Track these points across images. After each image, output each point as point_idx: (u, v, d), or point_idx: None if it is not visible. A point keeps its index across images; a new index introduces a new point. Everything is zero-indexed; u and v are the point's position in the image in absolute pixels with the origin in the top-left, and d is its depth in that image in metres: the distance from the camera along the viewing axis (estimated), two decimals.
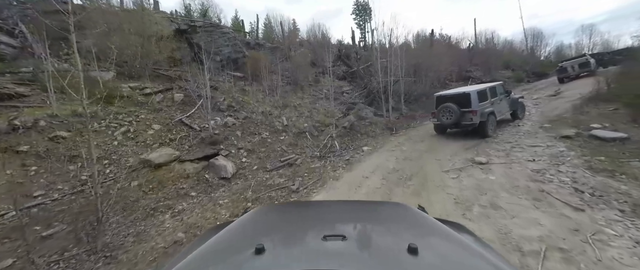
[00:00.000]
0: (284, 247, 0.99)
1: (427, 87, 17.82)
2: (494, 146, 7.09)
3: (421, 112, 14.73)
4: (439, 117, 8.33)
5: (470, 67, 25.70)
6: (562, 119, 8.56)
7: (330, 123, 11.34)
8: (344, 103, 14.82)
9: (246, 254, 0.83)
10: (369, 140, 10.03)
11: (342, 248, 0.84)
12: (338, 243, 0.86)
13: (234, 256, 0.92)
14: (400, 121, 12.85)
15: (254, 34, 21.75)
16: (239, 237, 1.11)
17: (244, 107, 10.82)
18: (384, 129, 11.60)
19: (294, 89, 15.18)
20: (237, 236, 1.12)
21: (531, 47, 34.75)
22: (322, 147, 9.13)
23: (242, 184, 6.14)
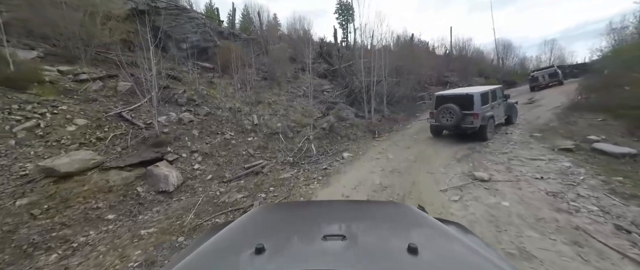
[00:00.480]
0: (284, 247, 0.94)
1: (409, 90, 17.01)
2: (489, 157, 6.10)
3: (403, 114, 13.80)
4: (438, 118, 7.49)
5: (447, 72, 25.64)
6: (551, 128, 7.83)
7: (308, 123, 9.98)
8: (324, 102, 13.51)
9: (246, 254, 0.81)
10: (350, 145, 8.79)
11: (342, 248, 0.82)
12: (338, 243, 0.84)
13: (234, 256, 0.89)
14: (382, 124, 11.76)
15: (230, 24, 19.80)
16: (239, 237, 1.07)
17: (208, 101, 9.15)
18: (365, 132, 10.43)
19: (270, 85, 13.62)
20: (237, 236, 1.09)
21: (502, 58, 35.70)
22: (297, 152, 7.75)
23: (187, 200, 4.60)
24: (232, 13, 19.98)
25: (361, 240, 0.94)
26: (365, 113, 11.95)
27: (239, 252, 0.90)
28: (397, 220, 1.26)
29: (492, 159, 5.93)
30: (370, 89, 12.05)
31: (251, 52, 14.96)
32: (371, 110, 12.01)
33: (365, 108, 11.91)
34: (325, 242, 0.86)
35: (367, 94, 11.86)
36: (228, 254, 0.93)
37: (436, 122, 7.71)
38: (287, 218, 1.34)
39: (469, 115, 7.04)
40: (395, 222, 1.23)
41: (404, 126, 11.53)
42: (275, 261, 0.79)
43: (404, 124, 11.92)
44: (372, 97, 11.97)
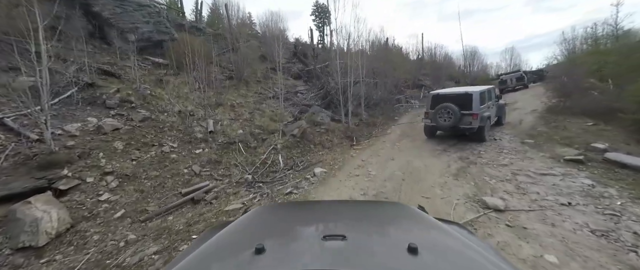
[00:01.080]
0: (284, 247, 0.90)
1: (386, 92, 15.96)
2: (489, 171, 4.89)
3: (382, 118, 12.61)
4: (434, 118, 6.78)
5: (421, 76, 25.32)
6: (542, 133, 6.90)
7: (276, 129, 8.34)
8: (297, 104, 11.93)
9: (246, 254, 0.78)
10: (324, 155, 7.29)
11: (342, 248, 0.79)
12: (338, 243, 0.81)
13: (234, 256, 0.85)
14: (360, 128, 10.43)
15: (196, 18, 17.56)
16: (239, 237, 1.03)
17: (151, 104, 7.19)
18: (342, 139, 9.01)
19: (237, 85, 11.79)
20: (237, 236, 1.04)
21: (469, 63, 36.59)
22: (259, 166, 6.10)
23: (62, 264, 2.82)
24: (198, 5, 17.74)
25: (361, 240, 0.89)
26: (342, 117, 10.56)
27: (239, 252, 0.85)
28: (397, 220, 1.20)
29: (494, 174, 4.71)
30: (347, 91, 10.69)
31: (213, 48, 13.03)
32: (348, 114, 10.64)
33: (342, 111, 10.51)
34: (326, 242, 0.81)
35: (343, 96, 10.47)
36: (228, 254, 0.88)
37: (433, 122, 6.91)
38: (287, 218, 1.27)
39: (467, 116, 6.34)
40: (395, 222, 1.17)
41: (383, 131, 10.26)
42: (275, 261, 0.74)
43: (383, 129, 10.67)
44: (349, 99, 10.60)
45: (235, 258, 0.83)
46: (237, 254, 0.85)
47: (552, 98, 12.51)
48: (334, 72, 11.15)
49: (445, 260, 0.79)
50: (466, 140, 7.23)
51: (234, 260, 0.82)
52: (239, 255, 0.83)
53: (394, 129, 10.30)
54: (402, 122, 11.62)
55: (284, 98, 12.42)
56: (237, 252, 0.87)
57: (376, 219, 1.20)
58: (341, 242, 0.81)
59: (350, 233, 0.88)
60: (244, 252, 0.80)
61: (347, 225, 1.10)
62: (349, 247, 0.80)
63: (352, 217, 1.22)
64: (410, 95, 19.27)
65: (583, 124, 7.06)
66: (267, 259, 0.74)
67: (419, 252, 0.71)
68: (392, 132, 9.67)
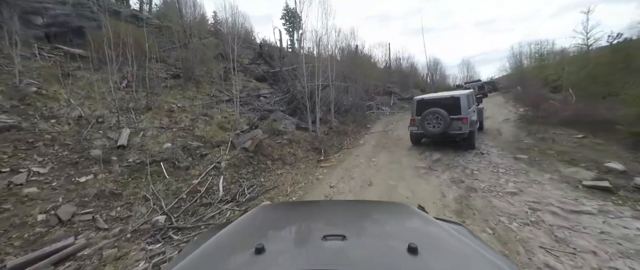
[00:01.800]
0: (284, 247, 0.88)
1: (357, 98, 14.66)
2: (498, 204, 3.47)
3: (353, 126, 11.15)
4: (422, 125, 6.09)
5: (390, 83, 24.87)
6: (530, 146, 5.83)
7: (225, 141, 6.36)
8: (258, 110, 9.97)
9: (246, 254, 0.76)
10: (284, 175, 5.49)
11: (342, 248, 0.77)
12: (338, 243, 0.79)
13: (234, 256, 0.83)
14: (330, 138, 8.80)
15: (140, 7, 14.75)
16: (239, 237, 1.00)
17: (31, 105, 4.81)
18: (308, 151, 7.27)
19: (184, 85, 9.51)
20: (237, 236, 1.01)
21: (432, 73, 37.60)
22: (185, 198, 4.11)
23: None
24: None
25: (361, 240, 0.87)
26: (309, 124, 8.85)
27: (239, 252, 0.83)
28: (397, 220, 1.18)
29: (509, 211, 3.29)
30: (315, 95, 9.03)
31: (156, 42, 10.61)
32: (316, 121, 8.97)
33: (309, 118, 8.81)
34: (326, 242, 0.80)
35: (311, 101, 8.79)
36: (228, 254, 0.86)
37: (420, 130, 6.21)
38: (287, 218, 1.22)
39: (456, 120, 5.74)
40: (395, 222, 1.15)
41: (356, 141, 8.73)
42: (275, 261, 0.73)
43: (356, 139, 9.16)
44: (317, 104, 8.94)
45: (235, 258, 0.80)
46: (237, 254, 0.82)
47: (519, 107, 12.21)
48: (301, 75, 9.46)
49: (445, 260, 0.75)
50: (450, 153, 5.94)
51: (234, 260, 0.79)
52: (239, 255, 0.80)
53: (368, 139, 8.83)
54: (375, 131, 10.24)
55: (242, 102, 10.39)
56: (237, 252, 0.84)
57: (376, 219, 1.15)
58: (341, 242, 0.78)
59: (350, 233, 0.84)
60: (244, 252, 0.78)
61: (347, 225, 1.04)
62: (349, 247, 0.77)
63: (352, 217, 1.18)
64: (381, 101, 18.29)
65: (571, 137, 6.14)
66: (267, 259, 0.72)
67: (419, 252, 0.69)
68: (366, 143, 8.17)
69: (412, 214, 1.17)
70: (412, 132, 6.68)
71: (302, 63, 9.78)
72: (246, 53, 16.99)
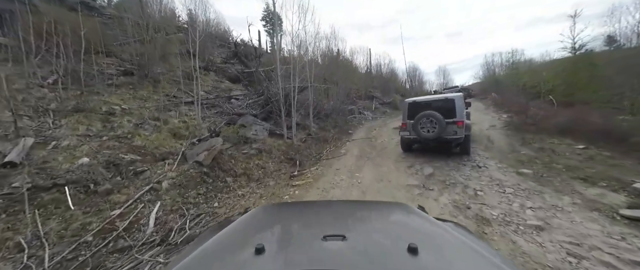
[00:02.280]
0: (284, 247, 0.86)
1: (339, 102, 13.75)
2: (524, 246, 2.54)
3: (334, 132, 10.14)
4: (416, 129, 5.45)
5: (371, 88, 24.37)
6: (531, 159, 5.05)
7: (174, 152, 5.03)
8: (227, 113, 8.66)
9: (246, 254, 0.74)
10: (244, 198, 4.27)
11: (342, 248, 0.75)
12: (338, 243, 0.76)
13: (234, 256, 0.81)
14: (308, 146, 7.69)
15: None
16: (239, 237, 0.97)
17: None
18: (281, 163, 6.12)
19: (137, 84, 8.00)
20: (237, 236, 0.98)
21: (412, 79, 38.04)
22: (92, 242, 2.79)
23: None
24: None
25: (361, 240, 0.84)
26: (284, 130, 7.69)
27: (239, 252, 0.81)
28: (397, 220, 1.15)
29: (544, 260, 2.36)
30: (292, 97, 7.91)
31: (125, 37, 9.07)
32: (292, 126, 7.83)
33: (284, 124, 7.65)
34: (325, 242, 0.78)
35: (286, 105, 7.65)
36: (228, 254, 0.83)
37: (413, 135, 5.61)
38: (287, 218, 1.19)
39: (451, 124, 5.21)
40: (395, 222, 1.12)
41: (337, 150, 7.69)
42: (275, 261, 0.72)
43: (337, 147, 8.13)
44: (293, 107, 7.82)
45: (235, 258, 0.79)
46: (237, 254, 0.81)
47: (502, 113, 11.91)
48: (276, 74, 8.29)
49: (446, 260, 0.75)
50: (443, 166, 5.07)
51: (234, 260, 0.78)
52: (239, 255, 0.79)
53: (350, 147, 7.82)
54: (357, 137, 9.28)
55: (209, 104, 9.02)
56: (237, 252, 0.82)
57: (376, 219, 1.15)
58: (341, 242, 0.77)
59: (350, 233, 0.83)
60: (244, 252, 0.77)
61: (347, 225, 1.04)
62: (349, 247, 0.76)
63: (352, 217, 1.16)
64: (363, 106, 17.52)
65: (572, 148, 5.48)
66: (267, 259, 0.70)
67: (419, 252, 0.68)
68: (348, 152, 7.16)
69: (412, 214, 1.14)
70: (403, 138, 6.04)
71: (277, 59, 8.65)
72: (220, 52, 15.50)
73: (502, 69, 31.40)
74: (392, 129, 10.58)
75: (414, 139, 5.71)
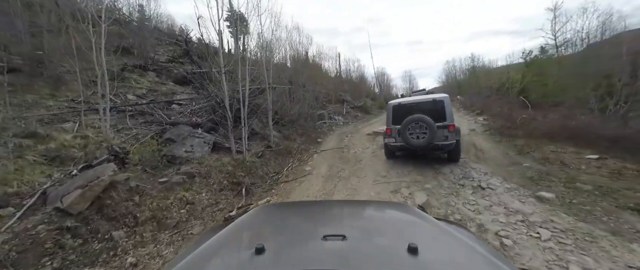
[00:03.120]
0: (284, 247, 0.83)
1: (306, 107, 12.23)
2: None
3: (301, 141, 8.54)
4: (404, 136, 4.59)
5: (341, 92, 23.34)
6: (541, 174, 3.93)
7: (26, 192, 3.00)
8: (160, 122, 6.59)
9: (246, 254, 0.72)
10: (136, 267, 2.52)
11: (342, 248, 0.73)
12: (338, 243, 0.75)
13: (234, 256, 0.81)
14: (265, 162, 5.96)
15: None
16: (239, 237, 0.96)
17: None
18: (220, 192, 4.32)
19: (25, 85, 5.65)
20: (237, 236, 0.97)
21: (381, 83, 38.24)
22: None
23: None
24: None
25: (361, 240, 0.82)
26: (233, 143, 5.87)
27: (239, 252, 0.81)
28: (397, 220, 1.11)
29: None
30: (242, 102, 6.14)
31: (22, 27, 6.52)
32: (243, 138, 6.04)
33: (231, 135, 5.83)
34: (326, 242, 0.76)
35: (232, 110, 5.85)
36: (228, 254, 0.83)
37: (400, 142, 4.80)
38: (287, 218, 1.18)
39: (441, 128, 4.57)
40: (395, 222, 1.08)
41: (300, 166, 6.08)
42: (275, 261, 0.70)
43: (302, 161, 6.52)
44: (243, 113, 6.04)
45: (235, 258, 0.79)
46: (237, 254, 0.80)
47: (476, 115, 11.36)
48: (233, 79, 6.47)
49: (445, 260, 0.73)
50: (436, 189, 3.76)
51: (234, 260, 0.77)
52: (239, 255, 0.78)
53: (317, 162, 6.27)
54: (327, 147, 7.78)
55: (137, 111, 6.87)
56: (237, 252, 0.82)
57: (376, 219, 1.14)
58: (341, 242, 0.76)
59: (350, 233, 0.81)
60: (244, 252, 0.75)
61: (347, 225, 1.02)
62: (349, 247, 0.75)
63: (352, 217, 1.15)
64: (334, 110, 16.20)
65: (584, 158, 4.42)
66: (267, 259, 0.69)
67: (419, 252, 0.66)
68: (315, 170, 5.59)
69: (412, 214, 1.11)
70: (388, 145, 5.20)
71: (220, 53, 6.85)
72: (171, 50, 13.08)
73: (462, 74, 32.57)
74: (366, 135, 9.29)
75: (401, 147, 4.88)
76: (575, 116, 5.87)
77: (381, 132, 9.46)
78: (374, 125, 11.81)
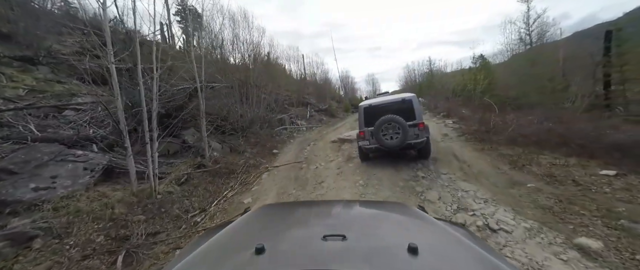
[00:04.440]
0: (284, 247, 0.81)
1: (263, 111, 10.49)
2: None
3: (251, 153, 6.77)
4: (377, 137, 4.52)
5: (305, 95, 21.91)
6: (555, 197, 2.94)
7: None
8: (23, 139, 4.26)
9: (246, 254, 0.70)
10: None
11: (342, 248, 0.72)
12: (338, 243, 0.73)
13: (234, 256, 0.78)
14: (188, 192, 4.11)
15: None
16: (239, 237, 0.93)
17: None
18: (78, 264, 2.49)
19: None
20: (237, 236, 0.95)
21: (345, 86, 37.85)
22: None
23: None
24: None
25: (361, 240, 0.79)
26: (131, 165, 3.90)
27: (239, 252, 0.77)
28: (397, 220, 1.08)
29: None
30: (155, 105, 4.21)
31: None
32: (149, 160, 4.08)
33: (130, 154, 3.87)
34: (326, 242, 0.74)
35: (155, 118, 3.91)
36: (228, 254, 0.81)
37: (374, 144, 4.62)
38: (287, 218, 1.15)
39: (413, 127, 4.48)
40: (395, 222, 1.05)
41: (238, 196, 4.36)
42: (275, 261, 0.68)
43: (244, 185, 4.79)
44: (152, 124, 4.11)
45: (235, 258, 0.76)
46: (237, 254, 0.78)
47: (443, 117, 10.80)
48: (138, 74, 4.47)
49: (446, 260, 0.71)
50: None
51: (234, 260, 0.75)
52: (239, 255, 0.76)
53: (266, 184, 4.62)
54: (283, 162, 6.16)
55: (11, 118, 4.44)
56: (237, 252, 0.80)
57: (376, 218, 1.11)
58: (341, 242, 0.74)
59: (350, 233, 0.79)
60: (244, 252, 0.73)
61: (347, 225, 0.97)
62: (349, 247, 0.73)
63: (352, 217, 1.13)
64: (297, 114, 14.61)
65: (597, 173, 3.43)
66: (267, 259, 0.68)
67: (419, 252, 0.65)
68: (259, 199, 3.92)
69: (413, 214, 1.10)
70: (362, 148, 5.03)
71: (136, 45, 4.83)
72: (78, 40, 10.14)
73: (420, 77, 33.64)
74: (330, 143, 7.91)
75: (375, 149, 4.76)
76: (556, 119, 5.21)
77: (348, 139, 8.17)
78: (339, 130, 10.54)
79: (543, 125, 5.23)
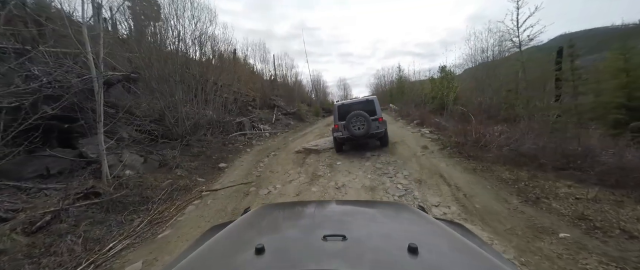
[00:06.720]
0: (284, 247, 0.79)
1: (222, 112, 8.73)
2: None
3: (190, 167, 5.02)
4: (348, 128, 5.72)
5: (273, 96, 20.20)
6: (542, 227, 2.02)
7: None
8: None
9: (246, 254, 0.69)
10: None
11: (342, 248, 0.70)
12: (338, 243, 0.72)
13: (234, 256, 0.76)
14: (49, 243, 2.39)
15: None
16: (239, 237, 0.92)
17: None
18: None
19: None
20: (237, 236, 0.93)
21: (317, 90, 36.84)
22: None
23: None
24: None
25: (361, 240, 0.78)
26: None
27: (239, 252, 0.76)
28: (397, 220, 1.06)
29: None
30: None
31: None
32: None
33: None
34: (326, 242, 0.73)
35: None
36: (228, 254, 0.79)
37: (346, 134, 5.81)
38: (287, 218, 1.13)
39: (374, 121, 5.79)
40: (395, 222, 1.03)
41: (141, 243, 2.72)
42: (275, 261, 0.67)
43: (150, 226, 3.15)
44: None
45: (235, 258, 0.74)
46: (237, 254, 0.76)
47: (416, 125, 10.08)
48: None
49: (446, 260, 0.70)
50: None
51: (234, 260, 0.73)
52: (239, 255, 0.74)
53: (187, 222, 3.01)
54: (226, 182, 4.54)
55: None
56: (237, 252, 0.78)
57: (376, 218, 1.07)
58: (341, 242, 0.72)
59: (350, 233, 0.77)
60: (244, 252, 0.72)
61: (347, 225, 0.96)
62: (349, 247, 0.71)
63: (352, 217, 1.08)
64: (260, 117, 12.88)
65: (556, 185, 2.75)
66: (267, 259, 0.66)
67: (419, 252, 0.64)
68: (157, 257, 2.34)
69: (413, 214, 1.07)
70: (337, 138, 6.05)
71: None
72: None
73: (390, 84, 33.95)
74: (294, 153, 6.53)
75: (346, 138, 5.85)
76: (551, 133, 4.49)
77: (314, 149, 6.83)
78: (307, 137, 9.19)
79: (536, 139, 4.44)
